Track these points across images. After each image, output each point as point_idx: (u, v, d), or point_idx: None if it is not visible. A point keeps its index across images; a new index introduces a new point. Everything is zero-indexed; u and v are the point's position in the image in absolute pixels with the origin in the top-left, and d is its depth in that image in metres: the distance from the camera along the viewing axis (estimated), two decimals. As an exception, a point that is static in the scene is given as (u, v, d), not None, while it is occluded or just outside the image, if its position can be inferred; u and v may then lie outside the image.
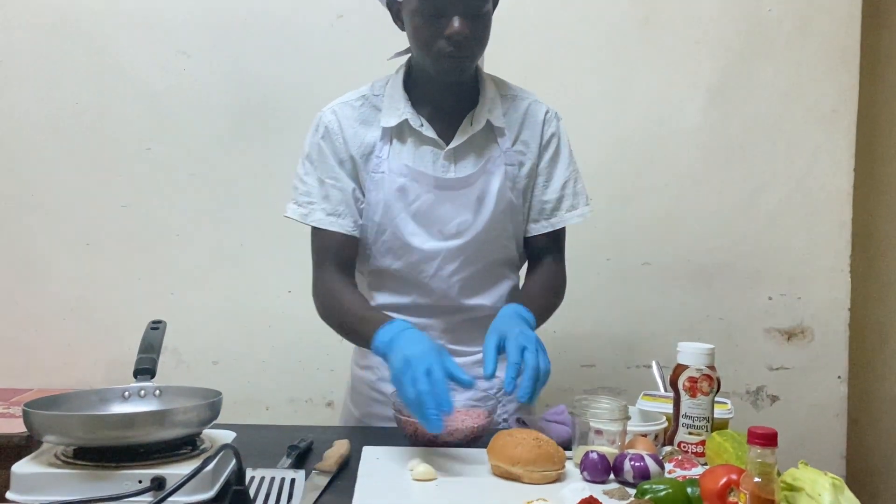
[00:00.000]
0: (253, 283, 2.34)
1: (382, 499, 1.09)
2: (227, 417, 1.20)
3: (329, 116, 1.49)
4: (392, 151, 1.47)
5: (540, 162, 1.55)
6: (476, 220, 1.48)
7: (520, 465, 1.17)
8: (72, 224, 2.31)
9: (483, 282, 1.54)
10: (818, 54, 2.39)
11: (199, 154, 2.32)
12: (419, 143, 1.47)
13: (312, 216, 1.49)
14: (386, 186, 1.46)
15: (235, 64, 2.32)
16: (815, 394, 2.44)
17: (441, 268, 1.49)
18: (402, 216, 1.47)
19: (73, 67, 2.30)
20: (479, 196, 1.48)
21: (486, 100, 1.49)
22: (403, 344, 1.27)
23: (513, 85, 1.57)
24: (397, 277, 1.51)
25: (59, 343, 2.32)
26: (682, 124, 2.39)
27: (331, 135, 1.48)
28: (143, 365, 1.21)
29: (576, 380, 2.38)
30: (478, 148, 1.49)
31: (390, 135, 1.48)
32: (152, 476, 0.98)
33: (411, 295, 1.52)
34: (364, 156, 1.48)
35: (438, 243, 1.48)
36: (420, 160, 1.47)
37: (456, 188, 1.47)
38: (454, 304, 1.52)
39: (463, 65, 1.40)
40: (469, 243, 1.49)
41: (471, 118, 1.48)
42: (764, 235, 2.41)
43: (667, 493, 1.07)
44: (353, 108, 1.50)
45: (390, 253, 1.50)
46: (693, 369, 1.32)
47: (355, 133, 1.48)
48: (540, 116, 1.55)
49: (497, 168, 1.49)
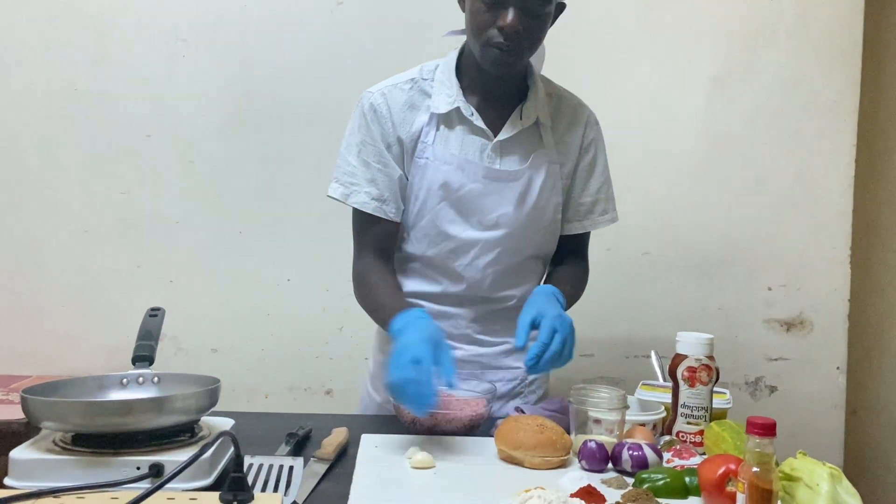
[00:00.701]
0: (252, 271, 2.33)
1: (380, 487, 1.09)
2: (225, 405, 1.20)
3: (378, 98, 1.47)
4: (438, 137, 1.46)
5: (579, 164, 1.56)
6: (517, 213, 1.48)
7: (521, 450, 1.18)
8: (71, 211, 2.31)
9: (515, 275, 1.54)
10: (820, 44, 2.38)
11: (198, 141, 2.32)
12: (468, 132, 1.47)
13: (355, 197, 1.47)
14: (430, 173, 1.46)
15: (235, 50, 2.31)
16: (814, 384, 2.44)
17: (476, 258, 1.48)
18: (442, 204, 1.47)
19: (72, 54, 2.29)
20: (522, 191, 1.48)
21: (536, 96, 1.50)
22: (408, 331, 1.28)
23: (556, 84, 1.58)
24: (430, 265, 1.51)
25: (57, 330, 2.32)
26: (683, 114, 2.38)
27: (379, 118, 1.46)
28: (141, 352, 1.21)
29: (575, 369, 2.36)
30: (525, 143, 1.49)
31: (438, 121, 1.47)
32: (151, 462, 0.98)
33: (442, 283, 1.52)
34: (411, 141, 1.47)
35: (477, 233, 1.48)
36: (468, 149, 1.46)
37: (503, 180, 1.47)
38: (484, 294, 1.52)
39: (510, 59, 1.38)
40: (507, 236, 1.48)
41: (520, 112, 1.48)
42: (764, 226, 2.41)
43: (665, 483, 1.07)
44: (402, 91, 1.48)
45: (426, 239, 1.49)
46: (692, 359, 1.32)
47: (404, 117, 1.47)
48: (583, 119, 1.56)
49: (542, 164, 1.49)
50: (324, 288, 2.31)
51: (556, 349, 1.28)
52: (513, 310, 1.46)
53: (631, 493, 1.05)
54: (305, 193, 2.29)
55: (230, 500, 0.90)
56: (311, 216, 2.28)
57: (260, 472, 1.09)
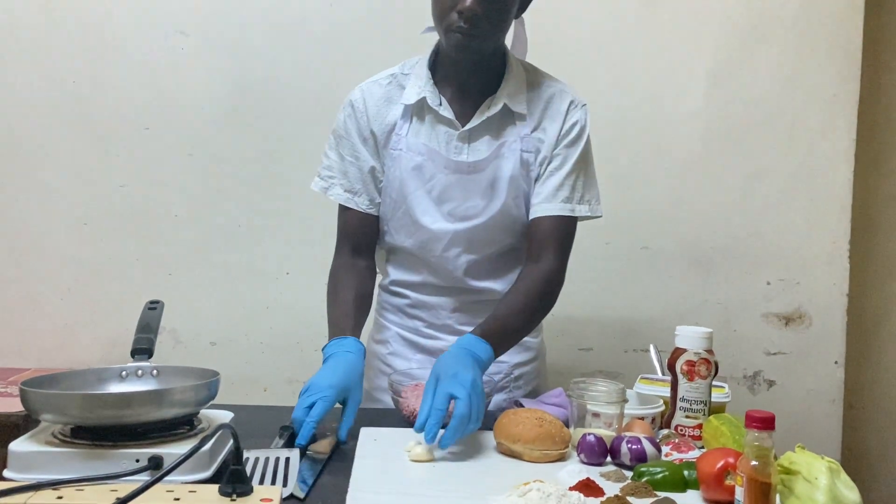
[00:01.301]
0: (251, 264, 2.33)
1: (380, 480, 1.09)
2: (225, 398, 1.20)
3: (356, 94, 1.52)
4: (411, 129, 1.49)
5: (556, 147, 1.50)
6: (487, 205, 1.49)
7: (520, 444, 1.18)
8: (69, 204, 2.31)
9: (492, 266, 1.54)
10: (820, 38, 2.38)
11: (197, 134, 2.31)
12: (436, 123, 1.48)
13: (332, 190, 1.54)
14: (403, 164, 1.48)
15: (234, 43, 2.30)
16: (812, 379, 2.44)
17: (448, 249, 1.50)
18: (416, 194, 1.49)
19: (71, 46, 2.28)
20: (491, 181, 1.48)
21: (507, 84, 1.49)
22: (327, 366, 1.34)
23: (543, 72, 1.57)
24: (410, 255, 1.55)
25: (56, 323, 2.32)
26: (683, 108, 2.38)
27: (356, 112, 1.51)
28: (140, 345, 1.21)
29: (573, 363, 2.39)
30: (494, 131, 1.49)
31: (411, 112, 1.49)
32: (150, 455, 0.98)
33: (422, 273, 1.55)
34: (385, 133, 1.50)
35: (447, 224, 1.49)
36: (435, 140, 1.48)
37: (467, 172, 1.47)
38: (462, 285, 1.54)
39: (472, 43, 1.38)
40: (477, 228, 1.49)
41: (490, 101, 1.48)
42: (763, 220, 2.41)
43: (663, 476, 1.07)
44: (380, 86, 1.52)
45: (403, 230, 1.52)
46: (691, 353, 1.32)
47: (378, 111, 1.50)
48: (564, 105, 1.51)
49: (511, 154, 1.48)
50: (322, 281, 2.28)
51: (459, 412, 1.18)
52: (494, 302, 1.47)
53: (629, 487, 1.05)
54: (304, 187, 2.25)
55: (229, 492, 0.90)
56: (310, 209, 2.27)
57: (257, 465, 1.09)
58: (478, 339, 1.35)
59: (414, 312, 1.59)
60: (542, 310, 1.50)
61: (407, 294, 1.59)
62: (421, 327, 1.58)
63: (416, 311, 1.58)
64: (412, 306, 1.59)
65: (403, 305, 1.60)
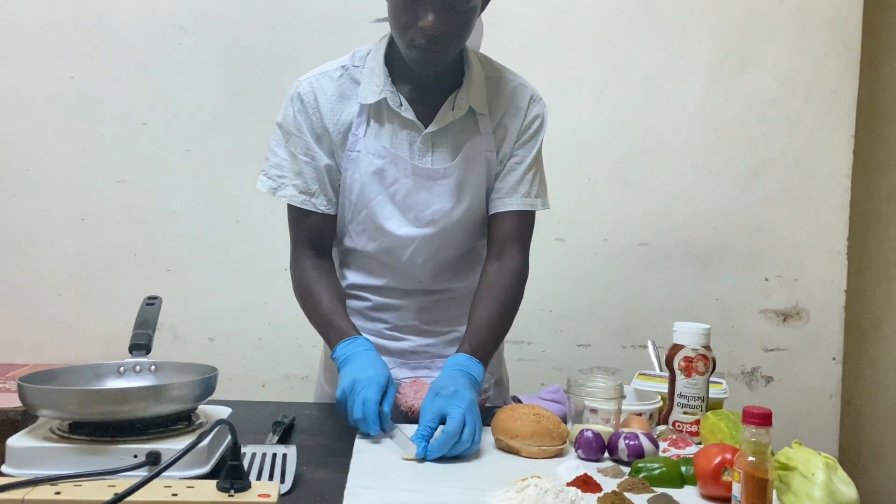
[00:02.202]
0: (249, 259, 2.33)
1: (378, 475, 1.09)
2: (223, 394, 1.20)
3: (305, 88, 1.41)
4: (369, 130, 1.40)
5: (517, 142, 1.47)
6: (454, 209, 1.43)
7: (518, 439, 1.18)
8: (68, 199, 2.30)
9: (456, 267, 1.50)
10: (819, 35, 2.38)
11: (195, 129, 2.31)
12: (398, 124, 1.41)
13: (283, 191, 1.42)
14: (362, 167, 1.40)
15: (232, 38, 2.30)
16: (810, 375, 2.45)
17: (415, 254, 1.45)
18: (378, 198, 1.42)
19: (69, 41, 2.28)
20: (458, 185, 1.42)
21: (470, 83, 1.41)
22: (357, 365, 1.28)
23: (498, 64, 1.50)
24: (371, 259, 1.48)
25: (55, 318, 2.32)
26: (681, 104, 2.38)
27: (307, 108, 1.40)
28: (138, 340, 1.21)
29: (571, 359, 2.39)
30: (458, 134, 1.42)
31: (368, 112, 1.40)
32: (148, 451, 0.98)
33: (384, 277, 1.49)
34: (341, 133, 1.41)
35: (413, 230, 1.43)
36: (397, 142, 1.40)
37: (434, 178, 1.42)
38: (426, 287, 1.49)
39: (434, 58, 1.32)
40: (444, 231, 1.44)
41: (452, 102, 1.41)
42: (761, 216, 2.41)
43: (661, 472, 1.07)
44: (331, 79, 1.42)
45: (365, 234, 1.45)
46: (689, 349, 1.32)
47: (332, 108, 1.40)
48: (524, 101, 1.47)
49: (478, 156, 1.43)
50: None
51: (449, 430, 1.15)
52: (459, 299, 1.46)
53: (627, 483, 1.05)
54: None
55: (227, 487, 0.89)
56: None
57: (254, 461, 1.09)
58: (470, 358, 1.32)
59: (376, 315, 1.51)
60: (516, 310, 1.47)
61: (367, 297, 1.51)
62: (384, 329, 1.51)
63: (378, 314, 1.51)
64: (373, 309, 1.51)
65: (363, 308, 1.52)
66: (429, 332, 1.51)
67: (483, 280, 1.44)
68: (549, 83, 1.58)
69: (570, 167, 2.31)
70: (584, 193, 2.37)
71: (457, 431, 1.15)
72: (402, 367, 1.49)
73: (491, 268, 1.45)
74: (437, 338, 1.52)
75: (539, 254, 1.65)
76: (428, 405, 1.21)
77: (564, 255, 2.38)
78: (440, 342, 1.52)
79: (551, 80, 1.72)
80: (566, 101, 2.27)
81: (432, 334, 1.52)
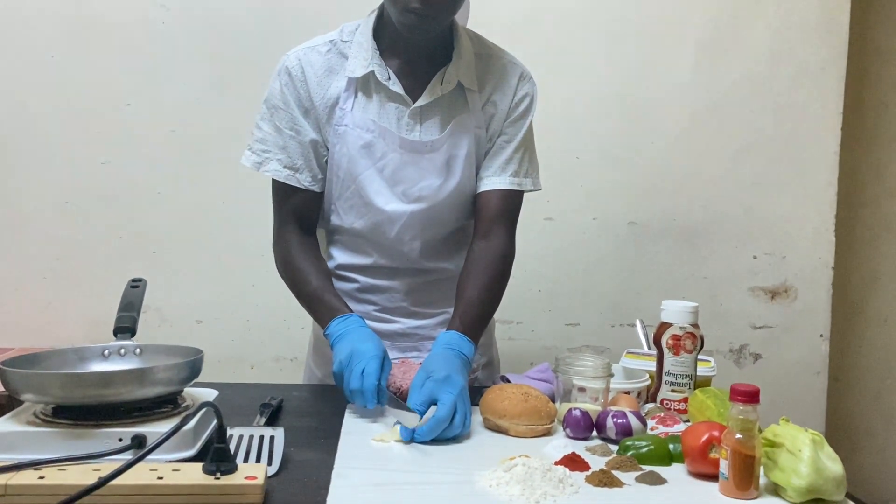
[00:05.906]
0: (235, 240, 2.32)
1: (366, 456, 1.09)
2: (211, 376, 1.19)
3: (293, 61, 1.41)
4: (357, 104, 1.40)
5: (507, 120, 1.46)
6: (443, 185, 1.42)
7: (506, 419, 1.18)
8: (51, 182, 2.28)
9: (446, 246, 1.49)
10: (808, 13, 2.37)
11: (179, 110, 2.28)
12: (385, 98, 1.40)
13: (267, 165, 1.42)
14: (350, 141, 1.40)
15: (215, 17, 2.27)
16: (798, 352, 2.46)
17: (402, 231, 1.44)
18: (367, 173, 1.41)
19: (50, 21, 2.24)
20: (446, 160, 1.42)
21: (459, 58, 1.41)
22: (354, 339, 1.27)
23: (488, 42, 1.49)
24: (359, 237, 1.47)
25: (39, 302, 2.30)
26: (670, 82, 2.37)
27: (294, 82, 1.40)
28: (123, 323, 1.20)
29: (560, 338, 2.39)
30: (446, 109, 1.41)
31: (356, 86, 1.40)
32: (133, 434, 0.98)
33: (372, 256, 1.48)
34: (328, 107, 1.40)
35: (401, 205, 1.42)
36: (385, 116, 1.40)
37: (421, 152, 1.41)
38: (415, 266, 1.48)
39: (426, 24, 1.31)
40: (432, 208, 1.43)
41: (441, 77, 1.40)
42: (750, 194, 2.41)
43: (649, 450, 1.08)
44: (319, 54, 1.41)
45: (353, 210, 1.44)
46: (677, 327, 1.32)
47: (319, 82, 1.40)
48: (514, 78, 1.46)
49: (466, 132, 1.42)
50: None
51: (440, 416, 1.14)
52: (448, 281, 1.45)
53: (615, 461, 1.05)
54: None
55: (213, 470, 0.89)
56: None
57: (241, 443, 1.09)
58: (462, 336, 1.31)
59: (364, 297, 1.51)
60: (503, 290, 1.46)
61: (355, 278, 1.50)
62: (373, 311, 1.50)
63: (367, 296, 1.51)
64: (362, 290, 1.50)
65: (352, 290, 1.51)
66: (418, 314, 1.51)
67: (470, 259, 1.44)
68: (536, 61, 1.57)
69: (558, 146, 2.30)
70: (572, 173, 2.36)
71: (447, 418, 1.14)
72: (392, 348, 1.47)
73: (477, 246, 1.44)
74: (427, 319, 1.51)
75: (528, 233, 1.65)
76: (418, 388, 1.20)
77: (553, 234, 2.38)
78: (430, 324, 1.51)
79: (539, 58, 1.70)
80: (553, 79, 2.25)
81: (422, 316, 1.51)
